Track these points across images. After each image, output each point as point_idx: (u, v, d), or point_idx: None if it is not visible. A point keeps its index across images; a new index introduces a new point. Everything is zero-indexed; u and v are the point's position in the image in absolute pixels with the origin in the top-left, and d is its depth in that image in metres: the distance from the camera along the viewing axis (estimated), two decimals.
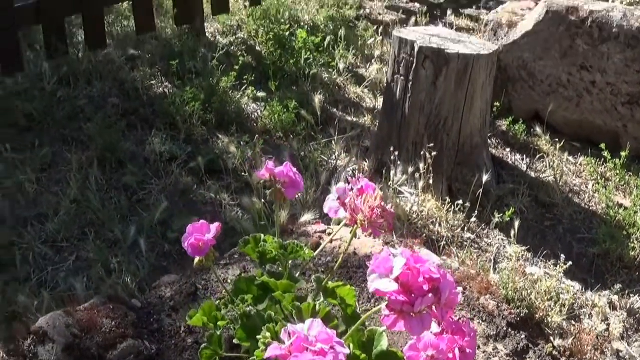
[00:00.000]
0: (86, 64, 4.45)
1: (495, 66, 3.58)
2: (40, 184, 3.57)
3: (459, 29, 5.46)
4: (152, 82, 4.40)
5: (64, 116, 4.05)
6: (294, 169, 1.93)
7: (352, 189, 1.83)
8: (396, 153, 3.45)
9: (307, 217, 2.94)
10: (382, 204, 1.78)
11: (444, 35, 3.54)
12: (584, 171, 3.94)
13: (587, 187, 3.83)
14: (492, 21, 4.29)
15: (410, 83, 3.43)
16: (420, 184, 3.33)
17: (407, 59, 3.42)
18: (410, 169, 3.41)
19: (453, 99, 3.41)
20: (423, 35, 3.49)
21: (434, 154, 3.31)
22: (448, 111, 3.43)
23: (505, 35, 4.19)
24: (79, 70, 4.40)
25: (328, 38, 4.77)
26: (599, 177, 3.85)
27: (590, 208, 3.67)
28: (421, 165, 3.33)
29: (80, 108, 4.12)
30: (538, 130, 4.04)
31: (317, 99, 3.85)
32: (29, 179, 3.53)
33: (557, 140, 4.04)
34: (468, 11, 5.95)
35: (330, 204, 1.85)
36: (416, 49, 3.37)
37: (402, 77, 3.47)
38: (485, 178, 3.35)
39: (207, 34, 5.01)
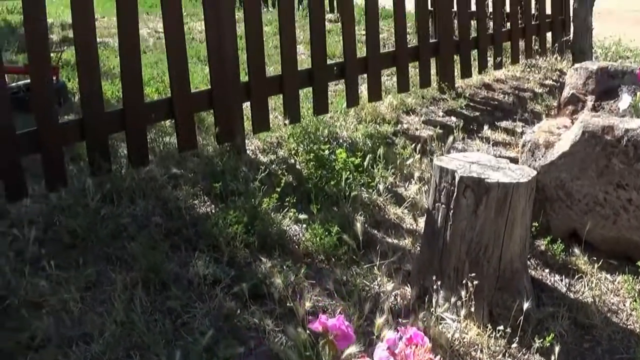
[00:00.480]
0: (129, 181, 4.55)
1: (534, 191, 3.63)
2: (84, 303, 3.62)
3: (496, 143, 5.53)
4: (194, 201, 4.48)
5: (108, 234, 4.12)
6: (346, 322, 1.98)
7: (400, 338, 1.87)
8: (438, 282, 3.48)
9: (351, 349, 2.97)
10: (431, 356, 1.82)
11: (483, 162, 3.59)
12: (621, 289, 3.94)
13: (624, 305, 3.83)
14: (529, 142, 4.34)
15: (452, 211, 3.48)
16: (462, 312, 3.36)
17: (448, 188, 3.48)
18: (453, 298, 3.43)
19: (493, 227, 3.45)
20: (463, 163, 3.55)
21: (475, 282, 3.34)
22: (488, 238, 3.47)
23: (542, 156, 4.24)
24: (122, 187, 4.50)
25: (367, 157, 4.81)
26: (636, 295, 3.85)
27: (628, 327, 3.67)
28: (463, 293, 3.36)
29: (123, 226, 4.20)
30: (576, 250, 4.07)
31: (359, 223, 3.90)
32: (73, 297, 3.58)
33: (594, 258, 4.05)
34: (504, 124, 6.02)
35: (380, 353, 1.90)
36: (457, 179, 3.43)
37: (443, 205, 3.52)
38: (526, 305, 3.37)
39: (247, 151, 5.11)
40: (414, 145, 5.22)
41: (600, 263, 4.02)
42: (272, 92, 5.36)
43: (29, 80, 6.27)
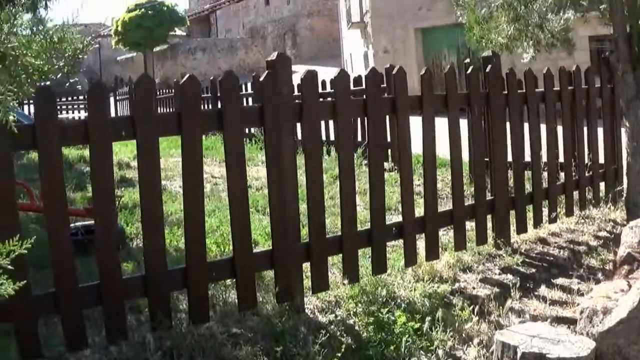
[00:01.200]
0: (189, 338, 4.58)
1: None
2: None
3: (552, 302, 5.52)
4: None
5: None
6: None
7: None
8: None
9: None
10: None
11: (544, 335, 3.63)
12: None
13: None
14: (587, 308, 4.36)
15: None
16: None
17: None
18: None
19: None
20: (524, 337, 3.59)
21: None
22: None
23: (600, 322, 4.25)
24: (182, 344, 4.53)
25: (426, 320, 4.83)
26: None
27: None
28: None
29: None
30: None
31: None
32: None
33: None
34: (560, 281, 5.99)
35: None
36: (519, 354, 3.47)
37: None
38: None
39: (306, 310, 5.14)
40: (472, 306, 5.21)
41: None
42: (331, 252, 5.43)
43: (87, 222, 6.49)
